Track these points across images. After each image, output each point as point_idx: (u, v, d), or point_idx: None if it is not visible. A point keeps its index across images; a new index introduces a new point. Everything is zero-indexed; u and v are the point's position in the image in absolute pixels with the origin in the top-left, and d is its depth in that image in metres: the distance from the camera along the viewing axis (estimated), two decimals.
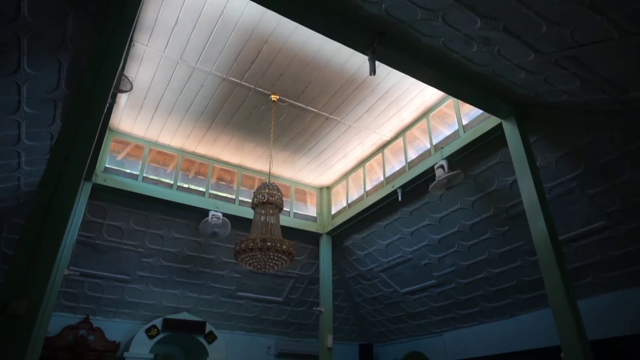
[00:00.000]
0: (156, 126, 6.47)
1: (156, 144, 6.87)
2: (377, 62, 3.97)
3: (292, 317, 8.94)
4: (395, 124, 6.47)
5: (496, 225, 6.01)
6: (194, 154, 7.17)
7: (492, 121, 5.02)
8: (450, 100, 5.81)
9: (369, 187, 7.15)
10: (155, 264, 7.26)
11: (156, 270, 7.33)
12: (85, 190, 5.92)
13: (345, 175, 7.80)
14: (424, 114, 6.22)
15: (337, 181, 8.02)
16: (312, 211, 8.13)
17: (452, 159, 5.57)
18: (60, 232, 2.61)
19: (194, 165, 7.23)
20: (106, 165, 6.37)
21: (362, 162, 7.40)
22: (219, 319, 8.31)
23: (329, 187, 8.23)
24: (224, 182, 7.45)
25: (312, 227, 7.90)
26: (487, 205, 5.87)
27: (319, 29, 3.91)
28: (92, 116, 3.02)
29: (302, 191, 8.16)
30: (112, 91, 3.47)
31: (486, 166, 5.50)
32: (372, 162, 7.25)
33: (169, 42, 4.99)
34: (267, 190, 5.30)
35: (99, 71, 3.16)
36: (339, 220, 7.60)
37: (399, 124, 6.46)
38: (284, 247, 4.84)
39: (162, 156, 7.00)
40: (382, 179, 6.85)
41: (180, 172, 6.95)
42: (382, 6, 3.47)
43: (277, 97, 5.80)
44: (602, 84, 3.71)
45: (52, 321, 5.74)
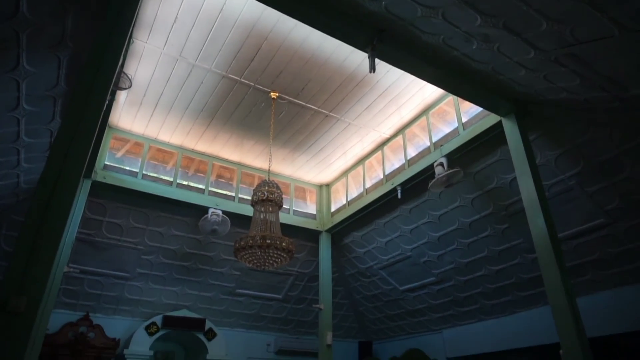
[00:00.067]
0: (156, 123, 6.46)
1: (156, 141, 6.87)
2: (376, 60, 3.95)
3: (292, 315, 8.96)
4: (394, 122, 6.47)
5: (495, 222, 6.02)
6: (194, 152, 7.17)
7: (492, 119, 5.03)
8: (450, 97, 5.81)
9: (368, 184, 7.15)
10: (154, 262, 7.27)
11: (156, 267, 7.34)
12: (84, 187, 5.93)
13: (344, 172, 7.80)
14: (424, 112, 6.22)
15: (337, 179, 8.02)
16: (311, 209, 8.14)
17: (451, 156, 5.57)
18: (59, 230, 2.62)
19: (193, 162, 7.22)
20: (106, 162, 6.37)
21: (361, 160, 7.40)
22: (218, 316, 8.33)
23: (328, 185, 8.23)
24: (223, 180, 7.45)
25: (311, 224, 7.90)
26: (487, 202, 5.87)
27: (319, 27, 3.90)
28: (91, 113, 3.02)
29: (301, 189, 8.16)
30: (111, 88, 3.47)
31: (486, 164, 5.50)
32: (372, 159, 7.24)
33: (168, 39, 4.98)
34: (266, 187, 5.30)
35: (98, 68, 3.16)
36: (339, 217, 7.61)
37: (398, 121, 6.46)
38: (284, 244, 4.85)
39: (161, 153, 7.00)
40: (381, 176, 6.85)
41: (179, 169, 6.95)
42: (382, 3, 3.47)
43: (277, 94, 5.79)
44: (602, 82, 3.71)
45: (52, 318, 5.75)
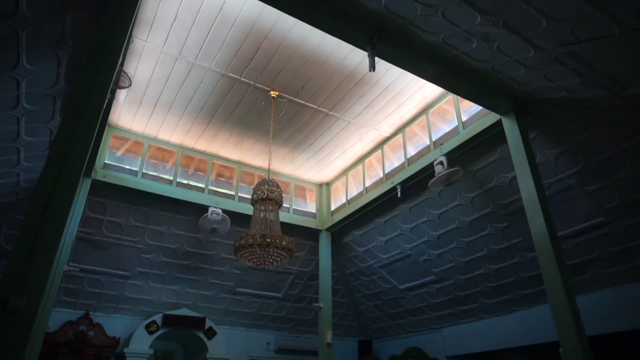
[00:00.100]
0: (155, 122, 6.46)
1: (155, 140, 6.87)
2: (376, 58, 3.96)
3: (292, 313, 8.97)
4: (394, 120, 6.46)
5: (495, 221, 6.02)
6: (194, 150, 7.17)
7: (492, 117, 5.03)
8: (449, 96, 5.81)
9: (368, 183, 7.15)
10: (154, 260, 7.28)
11: (156, 266, 7.35)
12: (84, 186, 5.93)
13: (344, 171, 7.80)
14: (424, 111, 6.22)
15: (337, 177, 8.02)
16: (311, 207, 8.14)
17: (451, 155, 5.57)
18: (59, 228, 2.62)
19: (193, 161, 7.23)
20: (105, 161, 6.37)
21: (361, 159, 7.40)
22: (218, 315, 8.34)
23: (328, 184, 8.24)
24: (223, 178, 7.45)
25: (311, 223, 7.91)
26: (487, 201, 5.88)
27: (319, 25, 3.89)
28: (91, 112, 3.02)
29: (301, 187, 8.17)
30: (111, 87, 3.46)
31: (485, 162, 5.50)
32: (372, 158, 7.24)
33: (168, 37, 4.98)
34: (266, 186, 5.30)
35: (98, 67, 3.16)
36: (339, 216, 7.61)
37: (398, 120, 6.45)
38: (284, 243, 4.86)
39: (161, 152, 7.00)
40: (381, 175, 6.85)
41: (179, 168, 6.95)
42: (382, 2, 3.46)
43: (277, 93, 5.79)
44: (601, 81, 3.71)
45: (52, 317, 5.76)
